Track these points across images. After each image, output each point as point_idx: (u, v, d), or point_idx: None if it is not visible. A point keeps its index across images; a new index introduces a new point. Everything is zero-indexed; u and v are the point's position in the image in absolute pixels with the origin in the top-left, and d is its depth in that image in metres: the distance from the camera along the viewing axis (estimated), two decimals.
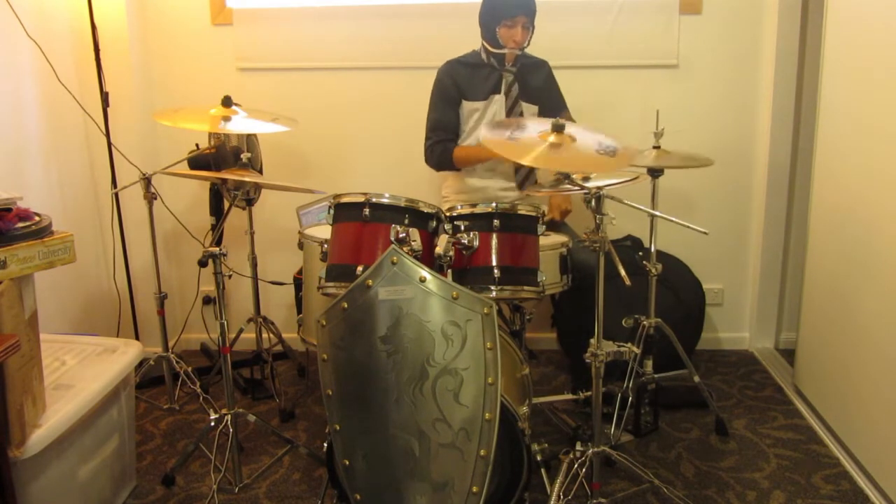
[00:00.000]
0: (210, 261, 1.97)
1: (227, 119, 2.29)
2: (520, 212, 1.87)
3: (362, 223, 1.77)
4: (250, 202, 2.61)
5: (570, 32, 2.91)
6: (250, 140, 2.71)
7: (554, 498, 1.85)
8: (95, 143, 2.91)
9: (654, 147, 2.29)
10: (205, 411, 2.62)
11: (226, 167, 2.55)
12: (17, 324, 1.53)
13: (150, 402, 2.70)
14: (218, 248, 1.97)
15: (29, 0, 2.51)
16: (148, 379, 2.79)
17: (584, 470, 1.86)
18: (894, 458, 1.96)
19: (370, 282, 1.60)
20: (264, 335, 2.79)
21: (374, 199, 1.77)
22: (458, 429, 1.60)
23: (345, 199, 1.82)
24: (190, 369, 2.71)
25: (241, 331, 2.78)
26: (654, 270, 2.31)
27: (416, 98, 2.65)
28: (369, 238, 1.77)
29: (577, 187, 1.93)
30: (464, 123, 2.58)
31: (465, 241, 1.81)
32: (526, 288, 1.85)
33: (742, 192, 3.06)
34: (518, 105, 2.54)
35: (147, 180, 2.45)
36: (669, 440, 2.38)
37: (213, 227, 2.76)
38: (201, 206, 2.93)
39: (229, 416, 2.10)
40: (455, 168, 2.59)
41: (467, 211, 1.86)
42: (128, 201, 2.95)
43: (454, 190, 2.67)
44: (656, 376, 2.36)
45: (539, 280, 1.87)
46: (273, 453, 2.33)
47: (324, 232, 2.03)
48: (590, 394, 1.90)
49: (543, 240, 1.94)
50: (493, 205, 1.85)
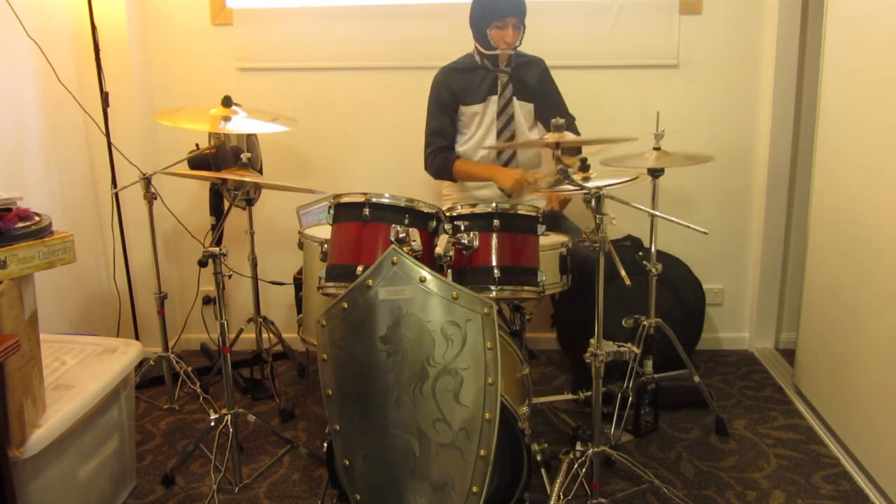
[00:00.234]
0: (210, 261, 1.97)
1: (227, 119, 2.30)
2: (520, 212, 1.87)
3: (362, 223, 1.77)
4: (250, 202, 2.61)
5: (569, 32, 2.91)
6: (250, 140, 2.71)
7: (554, 498, 1.85)
8: (95, 143, 2.91)
9: (655, 148, 2.29)
10: (205, 411, 2.62)
11: (226, 167, 2.55)
12: (17, 324, 1.53)
13: (150, 402, 2.70)
14: (218, 248, 1.97)
15: (29, 0, 2.51)
16: (148, 379, 2.79)
17: (584, 470, 1.86)
18: (894, 458, 1.96)
19: (370, 282, 1.60)
20: (264, 335, 2.79)
21: (374, 199, 1.77)
22: (458, 429, 1.60)
23: (345, 199, 1.81)
24: (190, 369, 2.71)
25: (241, 331, 2.78)
26: (654, 270, 2.31)
27: (416, 98, 2.65)
28: (369, 238, 1.77)
29: (576, 187, 1.94)
30: (465, 128, 2.58)
31: (465, 241, 1.81)
32: (526, 288, 1.85)
33: (742, 192, 3.06)
34: (510, 106, 2.54)
35: (147, 180, 2.45)
36: (669, 440, 2.38)
37: (213, 227, 2.76)
38: (201, 206, 2.93)
39: (229, 416, 2.10)
40: (453, 179, 2.60)
41: (467, 211, 1.86)
42: (128, 201, 2.95)
43: (454, 189, 2.68)
44: (656, 376, 2.36)
45: (539, 280, 1.87)
46: (273, 453, 2.33)
47: (324, 232, 2.03)
48: (589, 394, 1.90)
49: (543, 240, 1.94)
50: (493, 205, 1.84)
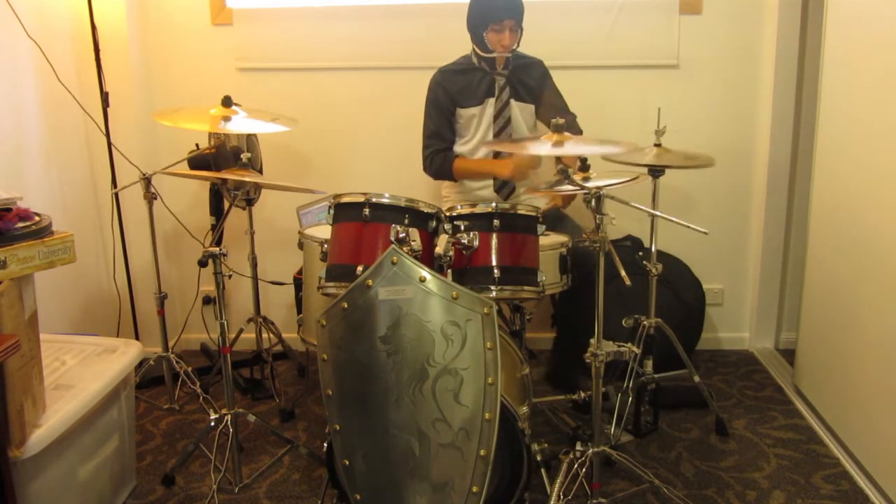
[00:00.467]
0: (210, 261, 1.97)
1: (227, 119, 2.29)
2: (519, 212, 1.87)
3: (362, 223, 1.77)
4: (250, 202, 2.61)
5: (570, 32, 2.91)
6: (250, 140, 2.71)
7: (554, 498, 1.85)
8: (95, 143, 2.91)
9: (655, 145, 2.29)
10: (205, 411, 2.62)
11: (226, 167, 2.55)
12: (17, 324, 1.53)
13: (150, 402, 2.70)
14: (218, 248, 1.97)
15: (29, 0, 2.51)
16: (148, 379, 2.79)
17: (584, 470, 1.86)
18: (894, 458, 1.96)
19: (370, 282, 1.60)
20: (264, 335, 2.79)
21: (374, 199, 1.77)
22: (458, 429, 1.60)
23: (345, 199, 1.82)
24: (190, 369, 2.71)
25: (241, 331, 2.78)
26: (654, 270, 2.31)
27: (416, 98, 2.65)
28: (369, 238, 1.77)
29: (576, 187, 1.94)
30: (463, 130, 2.58)
31: (465, 241, 1.81)
32: (526, 288, 1.86)
33: (742, 192, 3.06)
34: (507, 108, 2.54)
35: (147, 180, 2.45)
36: (669, 440, 2.38)
37: (213, 227, 2.76)
38: (201, 206, 2.93)
39: (229, 416, 2.10)
40: (453, 179, 2.59)
41: (467, 211, 1.86)
42: (128, 201, 2.95)
43: (454, 190, 2.67)
44: (656, 376, 2.36)
45: (539, 280, 1.87)
46: (273, 453, 2.33)
47: (324, 232, 2.03)
48: (589, 394, 1.90)
49: (543, 240, 1.94)
50: (493, 205, 1.85)
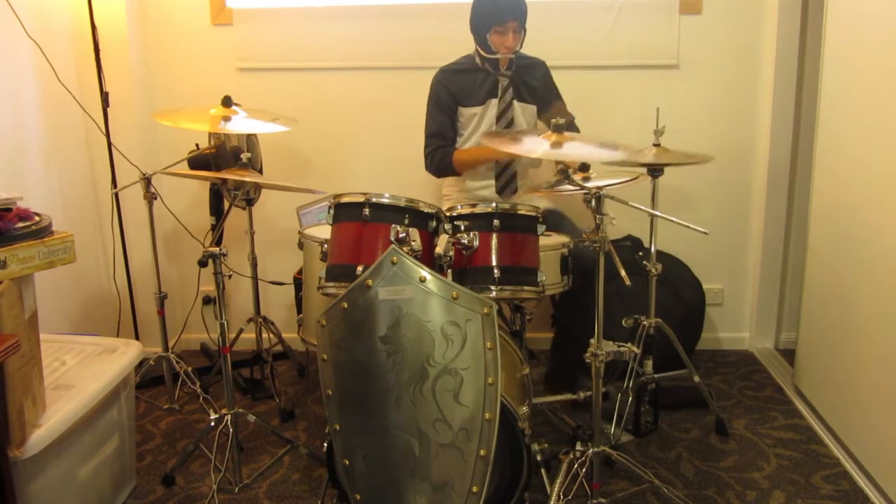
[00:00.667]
0: (210, 261, 1.97)
1: (227, 119, 2.29)
2: (519, 212, 1.87)
3: (362, 223, 1.77)
4: (250, 202, 2.61)
5: (569, 32, 2.91)
6: (250, 140, 2.71)
7: (554, 498, 1.85)
8: (95, 143, 2.91)
9: (655, 145, 2.29)
10: (205, 411, 2.62)
11: (226, 167, 2.55)
12: (17, 324, 1.53)
13: (150, 402, 2.70)
14: (218, 248, 1.97)
15: (29, 0, 2.51)
16: (148, 379, 2.79)
17: (584, 470, 1.86)
18: (894, 458, 1.96)
19: (370, 282, 1.60)
20: (264, 335, 2.79)
21: (374, 199, 1.77)
22: (458, 429, 1.60)
23: (345, 199, 1.81)
24: (190, 369, 2.71)
25: (241, 331, 2.78)
26: (654, 270, 2.31)
27: (416, 98, 2.65)
28: (369, 238, 1.77)
29: (576, 187, 1.94)
30: (463, 129, 2.58)
31: (465, 241, 1.81)
32: (526, 288, 1.85)
33: (742, 191, 3.06)
34: (510, 109, 2.54)
35: (147, 180, 2.45)
36: (669, 440, 2.38)
37: (213, 227, 2.76)
38: (201, 206, 2.93)
39: (229, 416, 2.10)
40: (455, 172, 2.59)
41: (467, 211, 1.86)
42: (128, 201, 2.95)
43: (456, 189, 2.67)
44: (656, 376, 2.36)
45: (539, 280, 1.87)
46: (273, 453, 2.33)
47: (324, 232, 2.03)
48: (589, 394, 1.90)
49: (544, 240, 1.94)
50: (493, 205, 1.85)
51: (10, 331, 1.50)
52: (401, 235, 1.71)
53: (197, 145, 2.63)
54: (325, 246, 1.86)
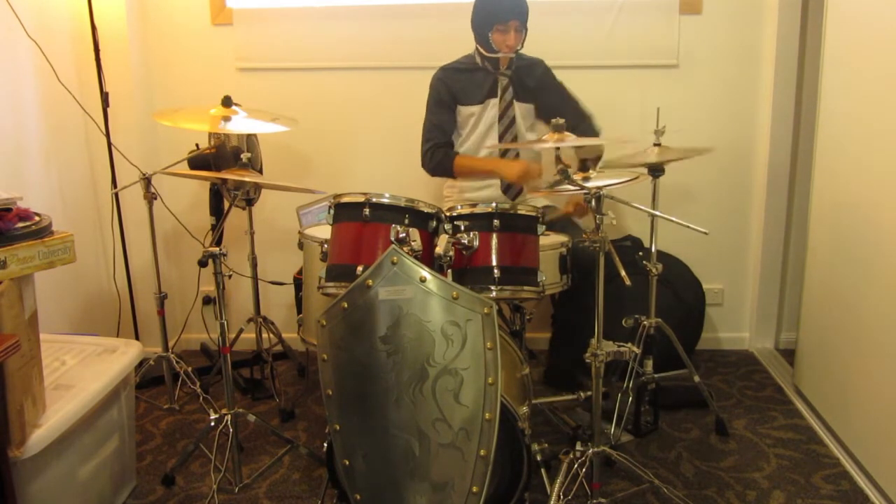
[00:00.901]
0: (210, 261, 1.97)
1: (227, 119, 2.29)
2: (520, 212, 1.87)
3: (362, 223, 1.77)
4: (250, 202, 2.61)
5: (570, 32, 2.91)
6: (250, 140, 2.71)
7: (554, 498, 1.85)
8: (95, 143, 2.91)
9: (655, 145, 2.29)
10: (205, 411, 2.61)
11: (226, 167, 2.55)
12: (17, 324, 1.53)
13: (150, 402, 2.70)
14: (218, 248, 1.97)
15: (29, 0, 2.51)
16: (148, 379, 2.79)
17: (584, 470, 1.86)
18: (894, 458, 1.96)
19: (370, 282, 1.60)
20: (264, 335, 2.79)
21: (375, 199, 1.77)
22: (458, 429, 1.60)
23: (345, 199, 1.81)
24: (190, 369, 2.71)
25: (241, 331, 2.78)
26: (654, 270, 2.31)
27: (416, 98, 2.65)
28: (369, 238, 1.77)
29: (576, 187, 1.94)
30: (461, 127, 2.58)
31: (465, 241, 1.81)
32: (526, 288, 1.85)
33: (742, 191, 3.06)
34: (511, 108, 2.54)
35: (147, 180, 2.45)
36: (669, 440, 2.38)
37: (213, 227, 2.76)
38: (201, 206, 2.93)
39: (229, 416, 2.10)
40: (452, 175, 2.58)
41: (467, 211, 1.86)
42: (128, 201, 2.95)
43: (456, 190, 2.67)
44: (656, 376, 2.36)
45: (539, 280, 1.87)
46: (273, 453, 2.33)
47: (324, 232, 2.03)
48: (589, 394, 1.90)
49: (543, 240, 1.94)
50: (493, 205, 1.85)
51: (10, 331, 1.50)
52: (401, 235, 1.71)
53: (197, 145, 2.63)
54: (325, 246, 1.86)
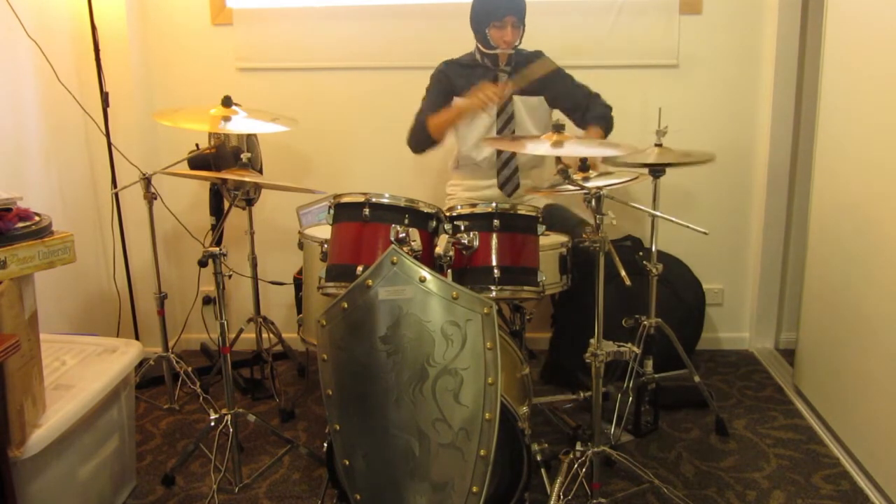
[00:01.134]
0: (210, 261, 1.97)
1: (227, 119, 2.29)
2: (520, 212, 1.87)
3: (362, 223, 1.77)
4: (250, 202, 2.61)
5: (570, 32, 2.91)
6: (250, 140, 2.71)
7: (554, 498, 1.85)
8: (95, 143, 2.91)
9: (656, 145, 2.29)
10: (205, 411, 2.62)
11: (226, 167, 2.55)
12: (17, 324, 1.53)
13: (150, 402, 2.70)
14: (218, 248, 1.97)
15: (29, 0, 2.51)
16: (148, 379, 2.79)
17: (584, 470, 1.86)
18: (894, 458, 1.96)
19: (370, 282, 1.60)
20: (264, 335, 2.79)
21: (374, 199, 1.77)
22: (458, 429, 1.60)
23: (345, 199, 1.81)
24: (190, 369, 2.71)
25: (241, 331, 2.78)
26: (654, 270, 2.31)
27: (416, 98, 2.64)
28: (369, 238, 1.77)
29: (576, 187, 1.94)
30: (462, 124, 2.57)
31: (465, 241, 1.81)
32: (526, 288, 1.85)
33: (742, 191, 3.06)
34: (510, 104, 2.53)
35: (147, 180, 2.45)
36: (669, 440, 2.38)
37: (213, 227, 2.76)
38: (201, 206, 2.93)
39: (229, 416, 2.10)
40: (431, 139, 2.53)
41: (467, 211, 1.86)
42: (128, 201, 2.95)
43: (460, 188, 2.67)
44: (656, 376, 2.36)
45: (539, 280, 1.87)
46: (273, 453, 2.33)
47: (324, 232, 2.03)
48: (589, 394, 1.90)
49: (543, 240, 1.94)
50: (493, 205, 1.85)
51: (10, 331, 1.50)
52: (401, 235, 1.71)
53: (197, 145, 2.63)
54: (325, 246, 1.86)
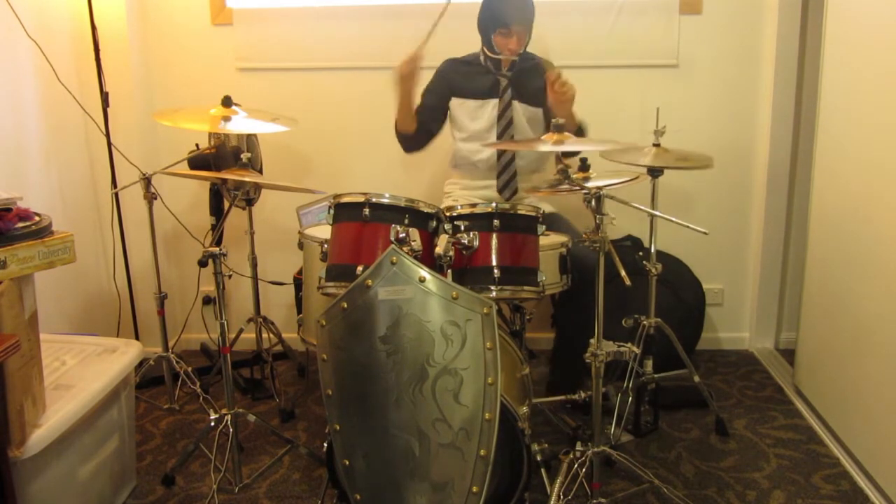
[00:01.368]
0: (210, 261, 1.97)
1: (227, 119, 2.29)
2: (519, 212, 1.87)
3: (362, 223, 1.77)
4: (250, 202, 2.61)
5: (570, 32, 2.91)
6: (250, 140, 2.71)
7: (554, 498, 1.85)
8: (95, 143, 2.91)
9: (654, 145, 2.28)
10: (205, 411, 2.62)
11: (226, 167, 2.55)
12: (17, 324, 1.53)
13: (150, 402, 2.70)
14: (218, 248, 1.97)
15: (29, 0, 2.51)
16: (148, 379, 2.79)
17: (584, 470, 1.86)
18: (894, 458, 1.96)
19: (370, 282, 1.60)
20: (264, 335, 2.79)
21: (374, 199, 1.77)
22: (458, 429, 1.60)
23: (345, 199, 1.81)
24: (190, 369, 2.71)
25: (241, 331, 2.78)
26: (654, 270, 2.31)
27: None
28: (369, 238, 1.77)
29: (576, 187, 1.94)
30: (458, 121, 2.57)
31: (465, 241, 1.81)
32: (526, 288, 1.85)
33: (742, 191, 3.06)
34: (510, 109, 2.52)
35: (147, 180, 2.45)
36: (669, 440, 2.38)
37: (213, 227, 2.76)
38: (201, 206, 2.93)
39: (229, 416, 2.10)
40: (405, 135, 2.54)
41: (467, 211, 1.86)
42: (128, 201, 2.95)
43: (458, 188, 2.67)
44: (656, 376, 2.36)
45: (539, 280, 1.87)
46: (273, 453, 2.33)
47: (324, 232, 2.03)
48: (589, 394, 1.90)
49: (543, 240, 1.94)
50: (493, 205, 1.85)
51: (10, 331, 1.50)
52: (401, 235, 1.71)
53: (197, 145, 2.63)
54: (325, 246, 1.86)
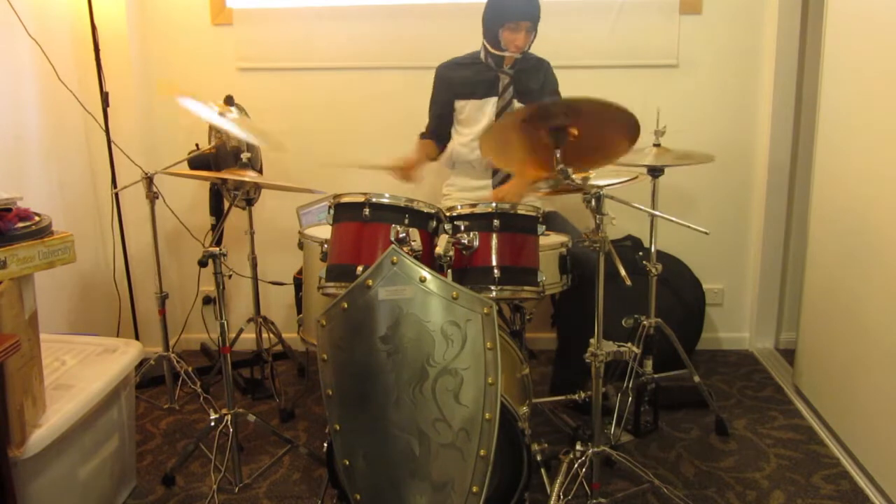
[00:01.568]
0: (210, 261, 1.97)
1: (223, 115, 2.29)
2: (520, 212, 1.87)
3: (362, 223, 1.77)
4: (250, 202, 2.61)
5: (570, 32, 2.91)
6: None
7: (554, 498, 1.85)
8: (96, 142, 2.91)
9: (655, 145, 2.29)
10: (205, 411, 2.62)
11: (226, 167, 2.55)
12: (17, 324, 1.53)
13: (150, 402, 2.70)
14: (218, 248, 1.97)
15: (29, 0, 2.51)
16: (148, 379, 2.79)
17: (584, 470, 1.86)
18: (894, 458, 1.96)
19: (370, 282, 1.60)
20: (264, 335, 2.79)
21: (374, 199, 1.77)
22: (458, 429, 1.60)
23: (345, 199, 1.81)
24: (190, 369, 2.71)
25: (241, 331, 2.78)
26: (654, 270, 2.31)
27: (417, 98, 2.65)
28: (369, 238, 1.77)
29: (576, 187, 1.93)
30: (460, 122, 2.58)
31: (465, 241, 1.81)
32: (526, 288, 1.85)
33: (742, 191, 3.06)
34: (510, 107, 2.53)
35: (149, 180, 2.45)
36: (669, 440, 2.38)
37: (213, 227, 2.77)
38: (201, 206, 2.93)
39: (229, 416, 2.10)
40: (437, 157, 2.66)
41: (467, 211, 1.86)
42: (128, 201, 2.95)
43: (456, 188, 2.67)
44: (656, 376, 2.36)
45: (539, 280, 1.87)
46: (273, 453, 2.33)
47: (324, 232, 2.03)
48: (589, 394, 1.90)
49: (543, 240, 1.94)
50: (493, 205, 1.84)
51: (10, 331, 1.50)
52: (401, 235, 1.71)
53: (197, 145, 2.63)
54: (325, 246, 1.86)
